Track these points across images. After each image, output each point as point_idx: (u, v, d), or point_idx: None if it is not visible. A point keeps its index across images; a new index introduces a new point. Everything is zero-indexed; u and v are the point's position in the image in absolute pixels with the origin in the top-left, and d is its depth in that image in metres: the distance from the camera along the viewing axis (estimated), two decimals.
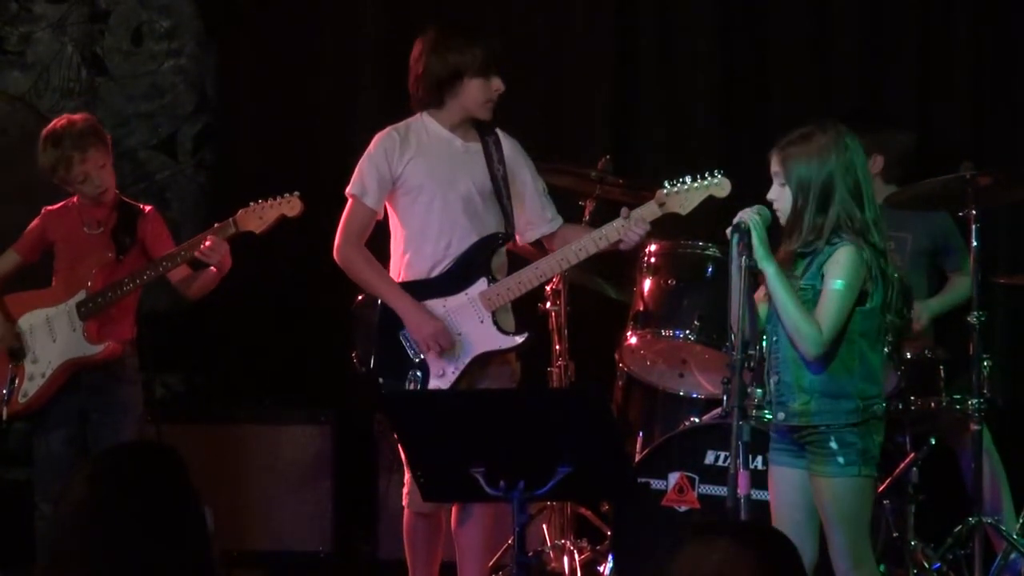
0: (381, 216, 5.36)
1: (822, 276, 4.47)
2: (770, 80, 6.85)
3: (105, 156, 5.74)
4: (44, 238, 5.84)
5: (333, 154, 6.97)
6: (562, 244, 5.34)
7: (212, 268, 5.65)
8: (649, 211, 5.19)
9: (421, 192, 5.29)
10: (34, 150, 5.81)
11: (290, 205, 5.58)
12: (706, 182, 5.14)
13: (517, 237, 5.47)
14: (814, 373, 4.48)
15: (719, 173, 5.15)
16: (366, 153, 5.34)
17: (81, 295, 5.69)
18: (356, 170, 5.34)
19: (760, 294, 4.56)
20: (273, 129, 7.15)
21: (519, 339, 5.29)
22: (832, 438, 4.47)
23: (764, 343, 4.49)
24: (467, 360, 5.25)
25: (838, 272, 4.44)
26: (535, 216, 5.43)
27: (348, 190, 5.33)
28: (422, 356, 5.26)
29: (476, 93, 5.27)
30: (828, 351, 4.46)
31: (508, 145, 5.40)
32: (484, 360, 5.27)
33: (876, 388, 4.55)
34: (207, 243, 5.54)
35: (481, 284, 5.27)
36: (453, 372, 5.24)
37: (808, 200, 4.47)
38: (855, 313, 4.48)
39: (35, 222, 5.87)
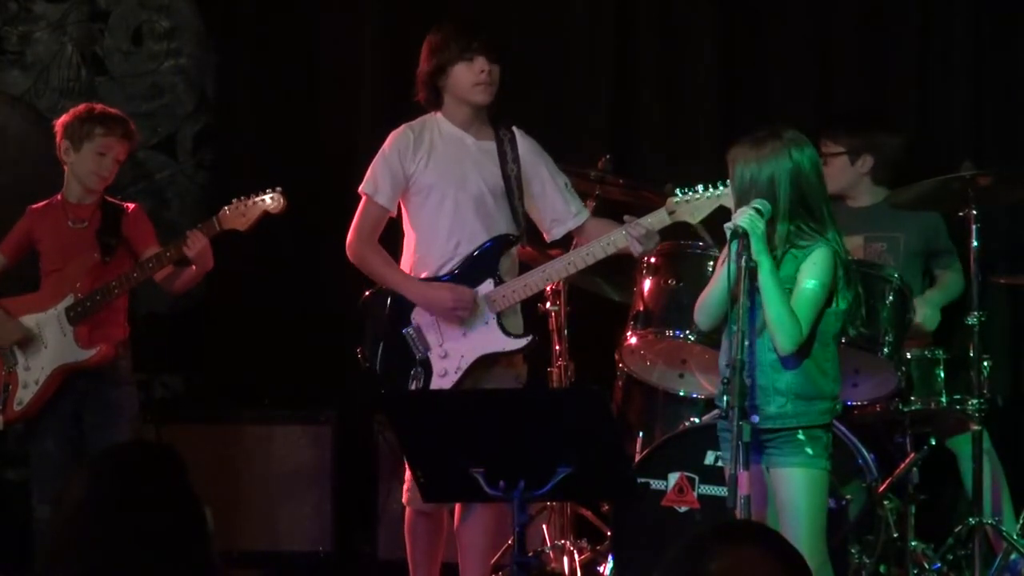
0: (394, 214, 5.37)
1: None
2: (770, 80, 6.85)
3: (124, 157, 5.82)
4: (28, 237, 5.84)
5: (333, 154, 6.98)
6: (591, 238, 5.33)
7: (192, 267, 5.65)
8: (658, 219, 5.18)
9: (432, 191, 5.30)
10: (33, 150, 5.81)
11: (273, 202, 5.58)
12: (717, 192, 5.11)
13: (544, 234, 5.49)
14: (791, 373, 4.50)
15: (721, 185, 5.14)
16: (380, 151, 5.36)
17: (69, 300, 5.68)
18: (370, 168, 5.35)
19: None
20: (273, 129, 7.15)
21: (522, 342, 5.28)
22: (801, 432, 4.53)
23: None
24: (470, 361, 5.25)
25: (812, 272, 4.51)
26: (559, 212, 5.43)
27: (361, 188, 5.35)
28: (425, 355, 5.26)
29: (461, 78, 5.29)
30: (804, 351, 4.52)
31: (524, 144, 5.40)
32: (489, 362, 5.27)
33: (839, 387, 4.65)
34: (190, 241, 5.54)
35: (487, 285, 5.27)
36: (456, 372, 5.24)
37: (750, 203, 4.49)
38: (828, 315, 4.55)
39: (19, 221, 5.87)
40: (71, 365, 5.67)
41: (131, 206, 5.90)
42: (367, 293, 5.42)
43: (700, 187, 5.14)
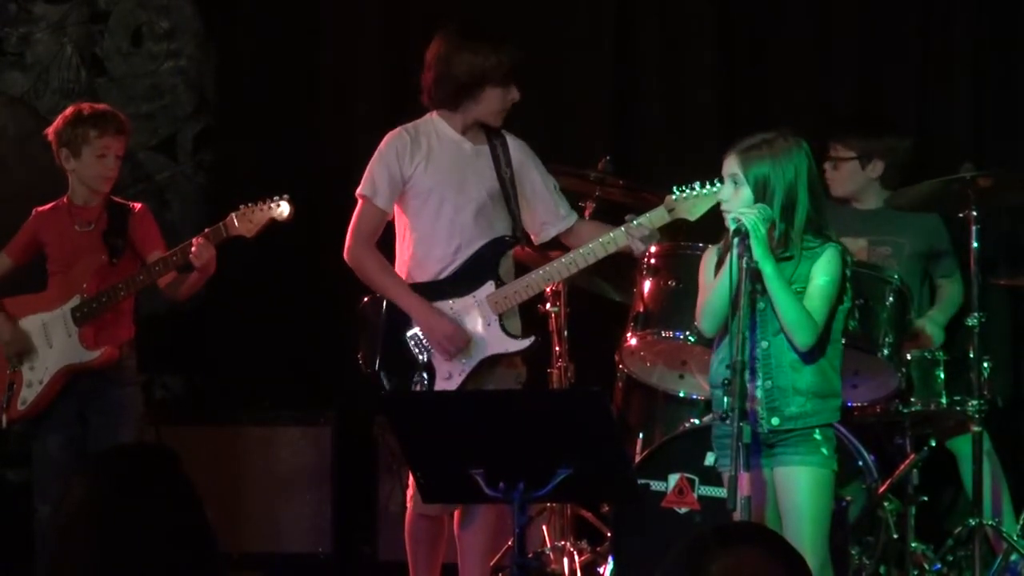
0: (391, 217, 5.35)
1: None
2: (770, 81, 6.85)
3: (123, 151, 5.79)
4: (35, 239, 5.83)
5: (333, 155, 6.98)
6: (579, 240, 5.33)
7: (196, 272, 5.65)
8: (658, 216, 5.18)
9: (431, 195, 5.28)
10: (33, 151, 5.80)
11: (279, 209, 5.56)
12: (716, 188, 5.12)
13: (533, 237, 5.47)
14: (809, 371, 4.53)
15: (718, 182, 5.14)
16: (376, 153, 5.32)
17: (75, 300, 5.67)
18: (367, 171, 5.31)
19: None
20: (273, 130, 7.14)
21: (525, 343, 5.28)
22: (817, 431, 4.56)
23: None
24: (474, 363, 5.24)
25: (824, 269, 4.57)
26: (549, 214, 5.42)
27: (359, 191, 5.31)
28: (428, 358, 5.25)
29: (494, 102, 5.26)
30: (822, 347, 4.55)
31: (515, 146, 5.39)
32: (491, 363, 5.27)
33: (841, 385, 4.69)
34: (196, 247, 5.53)
35: (488, 287, 5.26)
36: (460, 375, 5.23)
37: (771, 206, 4.50)
38: (839, 311, 4.59)
39: (26, 224, 5.86)
40: (76, 366, 5.67)
41: (137, 206, 5.88)
42: (365, 300, 5.40)
43: (698, 184, 5.15)
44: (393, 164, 5.28)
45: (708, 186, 5.13)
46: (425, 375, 5.24)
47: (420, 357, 5.25)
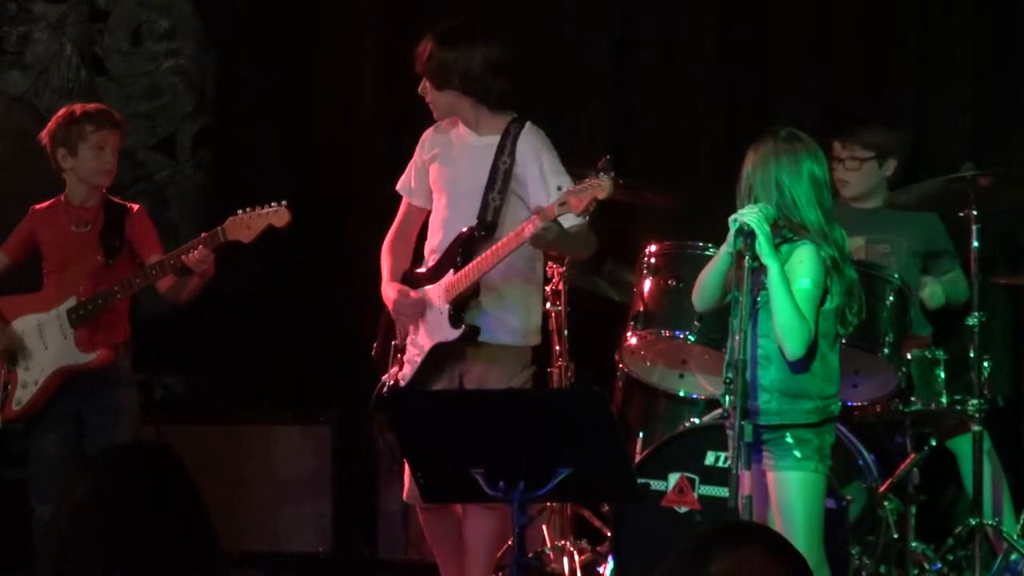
0: (429, 208, 5.45)
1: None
2: (770, 81, 6.84)
3: (119, 145, 5.80)
4: (32, 238, 5.83)
5: (332, 155, 6.98)
6: None
7: (195, 276, 5.64)
8: (547, 214, 5.06)
9: (434, 190, 5.41)
10: (32, 150, 5.79)
11: (278, 215, 5.55)
12: (600, 183, 5.02)
13: None
14: (774, 369, 4.50)
15: (604, 175, 5.02)
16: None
17: (71, 302, 5.66)
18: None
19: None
20: (272, 129, 7.14)
21: (456, 332, 5.24)
22: (788, 434, 4.52)
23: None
24: (427, 350, 5.30)
25: (803, 271, 4.51)
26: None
27: (397, 187, 5.52)
28: (404, 340, 5.37)
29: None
30: (812, 352, 4.51)
31: (525, 139, 5.32)
32: (486, 360, 5.27)
33: (834, 388, 4.61)
34: (195, 253, 5.52)
35: (449, 276, 5.30)
36: (417, 359, 5.31)
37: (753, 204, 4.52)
38: (820, 313, 4.53)
39: (23, 222, 5.86)
40: (71, 367, 5.66)
41: (135, 207, 5.88)
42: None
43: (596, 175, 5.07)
44: (417, 159, 5.46)
45: (595, 179, 5.03)
46: (400, 357, 5.38)
47: (397, 340, 5.40)
